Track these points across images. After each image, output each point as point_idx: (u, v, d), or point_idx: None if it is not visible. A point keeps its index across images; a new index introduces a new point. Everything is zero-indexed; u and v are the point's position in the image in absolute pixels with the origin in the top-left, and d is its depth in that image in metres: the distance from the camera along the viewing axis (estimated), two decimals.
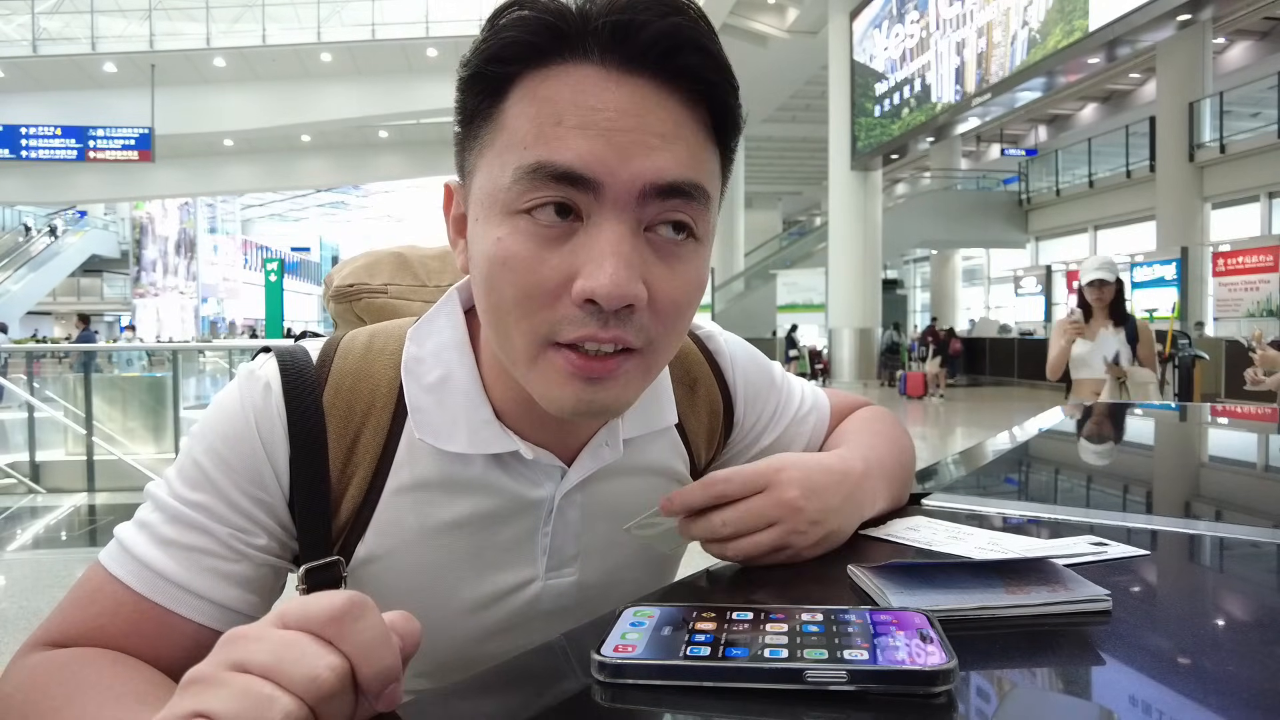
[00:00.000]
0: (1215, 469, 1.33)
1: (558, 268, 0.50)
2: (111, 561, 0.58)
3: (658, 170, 0.50)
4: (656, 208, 0.51)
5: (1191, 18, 9.43)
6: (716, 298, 19.34)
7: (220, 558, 0.58)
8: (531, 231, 0.50)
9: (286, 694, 0.34)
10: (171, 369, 6.68)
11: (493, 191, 0.52)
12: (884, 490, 0.72)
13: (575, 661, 0.45)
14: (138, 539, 0.58)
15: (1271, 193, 13.20)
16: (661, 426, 0.69)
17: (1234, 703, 0.39)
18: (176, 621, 0.56)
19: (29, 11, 17.82)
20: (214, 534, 0.58)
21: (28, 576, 3.79)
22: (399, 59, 18.37)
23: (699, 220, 0.53)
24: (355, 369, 0.63)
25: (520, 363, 0.54)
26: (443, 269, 0.88)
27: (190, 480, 0.59)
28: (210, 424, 0.60)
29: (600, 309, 0.50)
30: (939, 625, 0.43)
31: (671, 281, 0.53)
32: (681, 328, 0.56)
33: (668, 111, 0.51)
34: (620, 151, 0.49)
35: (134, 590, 0.56)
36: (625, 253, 0.49)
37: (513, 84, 0.52)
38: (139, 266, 30.20)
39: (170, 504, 0.58)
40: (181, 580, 0.56)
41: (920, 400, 12.79)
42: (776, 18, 16.53)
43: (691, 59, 0.51)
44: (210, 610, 0.57)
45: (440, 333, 0.63)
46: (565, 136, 0.49)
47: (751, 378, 0.79)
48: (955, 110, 12.95)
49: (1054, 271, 17.13)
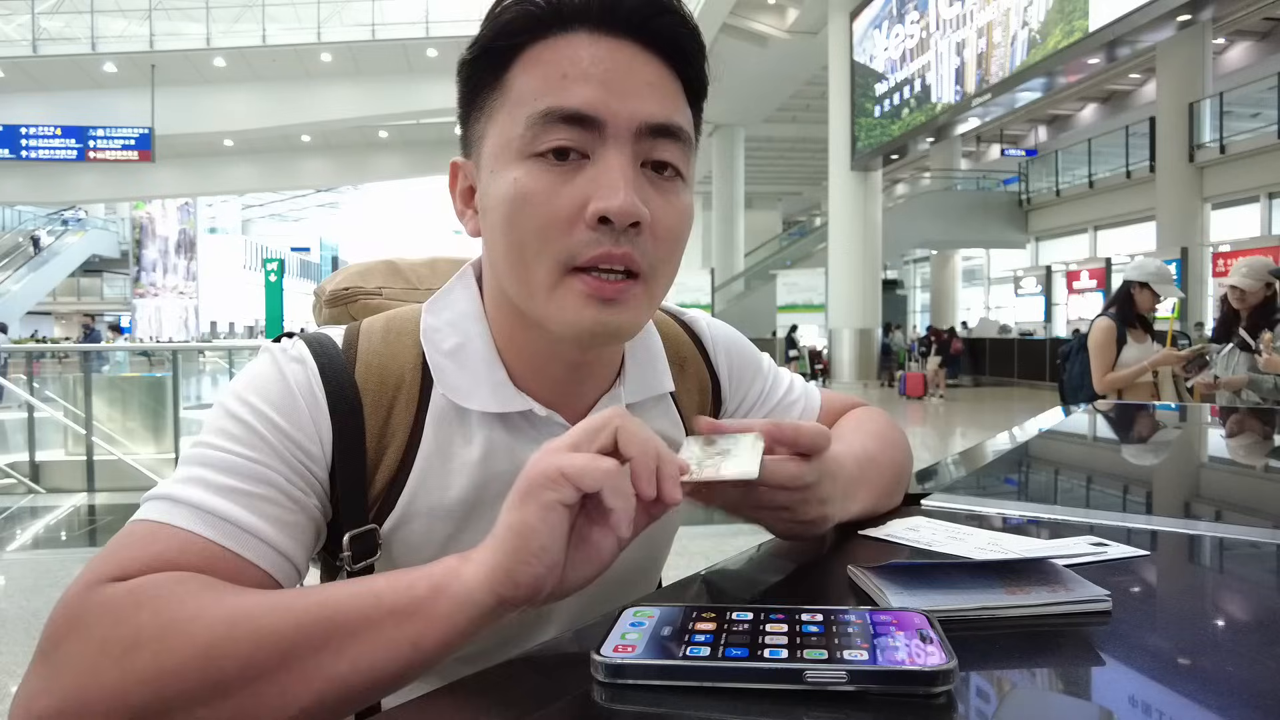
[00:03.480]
0: (1215, 469, 1.33)
1: (572, 197, 0.57)
2: (164, 514, 0.53)
3: (649, 112, 0.58)
4: (649, 144, 0.59)
5: (1191, 18, 9.44)
6: (716, 298, 19.32)
7: (282, 506, 0.56)
8: (545, 169, 0.57)
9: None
10: (171, 369, 6.68)
11: (506, 142, 0.59)
12: (871, 491, 0.72)
13: (575, 661, 0.45)
14: (191, 491, 0.54)
15: (1271, 193, 13.20)
16: (660, 392, 0.73)
17: (1234, 703, 0.39)
18: (245, 568, 0.53)
19: (29, 11, 17.83)
20: (274, 483, 0.56)
21: (27, 576, 3.79)
22: (399, 59, 18.37)
23: (683, 161, 0.61)
24: (380, 349, 0.65)
25: (540, 292, 0.59)
26: (432, 275, 0.89)
27: (239, 439, 0.57)
28: (251, 388, 0.59)
29: (612, 228, 0.56)
30: (939, 625, 0.43)
31: (667, 210, 0.60)
32: (676, 254, 0.63)
33: (651, 67, 0.60)
34: (618, 95, 0.57)
35: (200, 535, 0.52)
36: (631, 177, 0.57)
37: (517, 55, 0.59)
38: (139, 266, 30.22)
39: (224, 457, 0.56)
40: (251, 525, 0.54)
41: (920, 400, 12.80)
42: (776, 18, 16.54)
43: (667, 21, 0.60)
44: (275, 558, 0.55)
45: (456, 304, 0.68)
46: (570, 86, 0.57)
47: (735, 359, 0.83)
48: (955, 110, 12.95)
49: (1054, 272, 17.13)
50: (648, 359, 0.73)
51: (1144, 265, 3.46)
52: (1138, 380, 3.38)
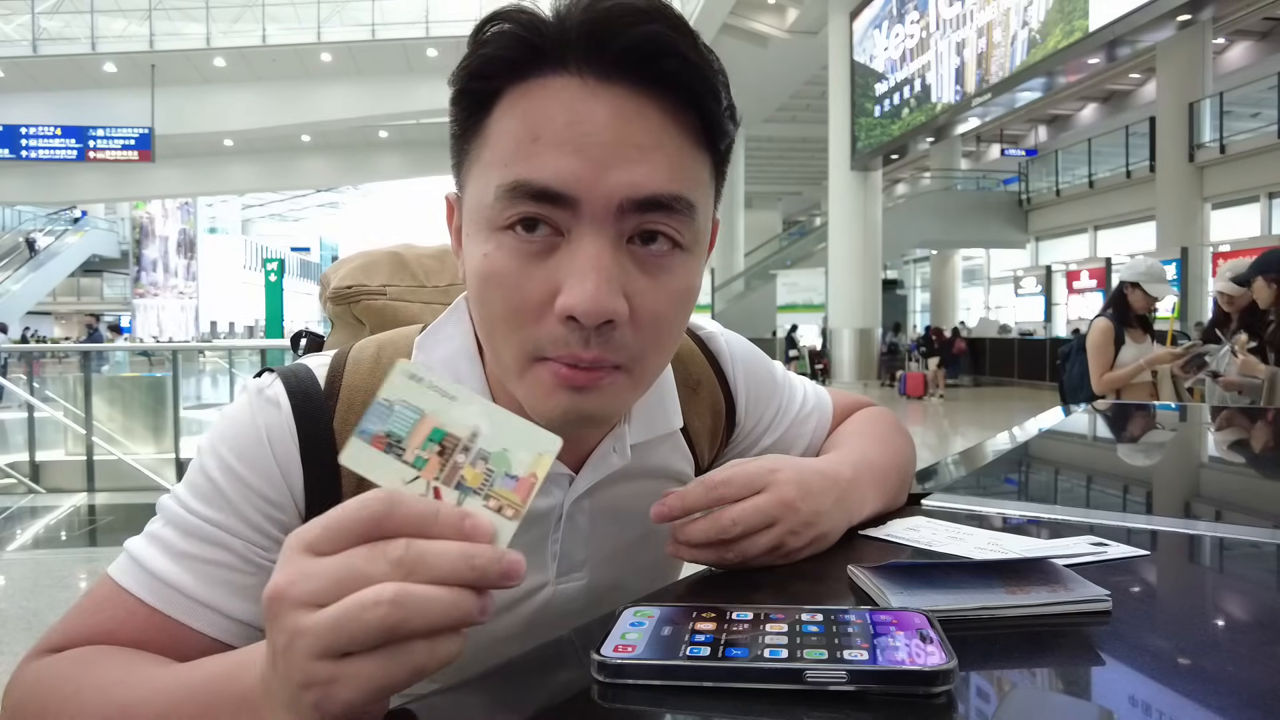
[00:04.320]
0: (1215, 469, 1.33)
1: (542, 282, 0.51)
2: (122, 574, 0.56)
3: (634, 185, 0.50)
4: (636, 220, 0.51)
5: (1191, 18, 9.44)
6: (716, 298, 19.33)
7: (237, 570, 0.56)
8: (515, 247, 0.51)
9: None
10: (171, 369, 6.68)
11: (479, 207, 0.53)
12: (873, 494, 0.72)
13: (575, 661, 0.45)
14: (149, 552, 0.56)
15: (1271, 193, 13.20)
16: (667, 431, 0.69)
17: (1234, 703, 0.39)
18: (189, 635, 0.55)
19: (29, 11, 17.83)
20: (230, 547, 0.56)
21: (27, 576, 3.79)
22: (399, 59, 18.38)
23: (683, 231, 0.53)
24: (366, 384, 0.62)
25: (511, 374, 0.55)
26: (441, 269, 0.87)
27: (204, 495, 0.57)
28: (223, 438, 0.58)
29: (581, 325, 0.50)
30: (939, 625, 0.43)
31: (654, 294, 0.52)
32: (668, 340, 0.56)
33: (647, 121, 0.51)
34: (596, 166, 0.49)
35: (145, 603, 0.55)
36: (604, 267, 0.49)
37: (497, 98, 0.52)
38: (139, 267, 30.21)
39: (185, 517, 0.57)
40: (196, 593, 0.55)
41: (920, 400, 12.80)
42: (776, 18, 16.54)
43: (669, 65, 0.50)
44: (223, 624, 0.56)
45: (450, 341, 0.64)
46: (542, 154, 0.49)
47: (753, 378, 0.78)
48: (955, 110, 12.95)
49: (1054, 272, 17.13)
50: (656, 395, 0.67)
51: (1135, 265, 3.49)
52: (1137, 381, 3.39)
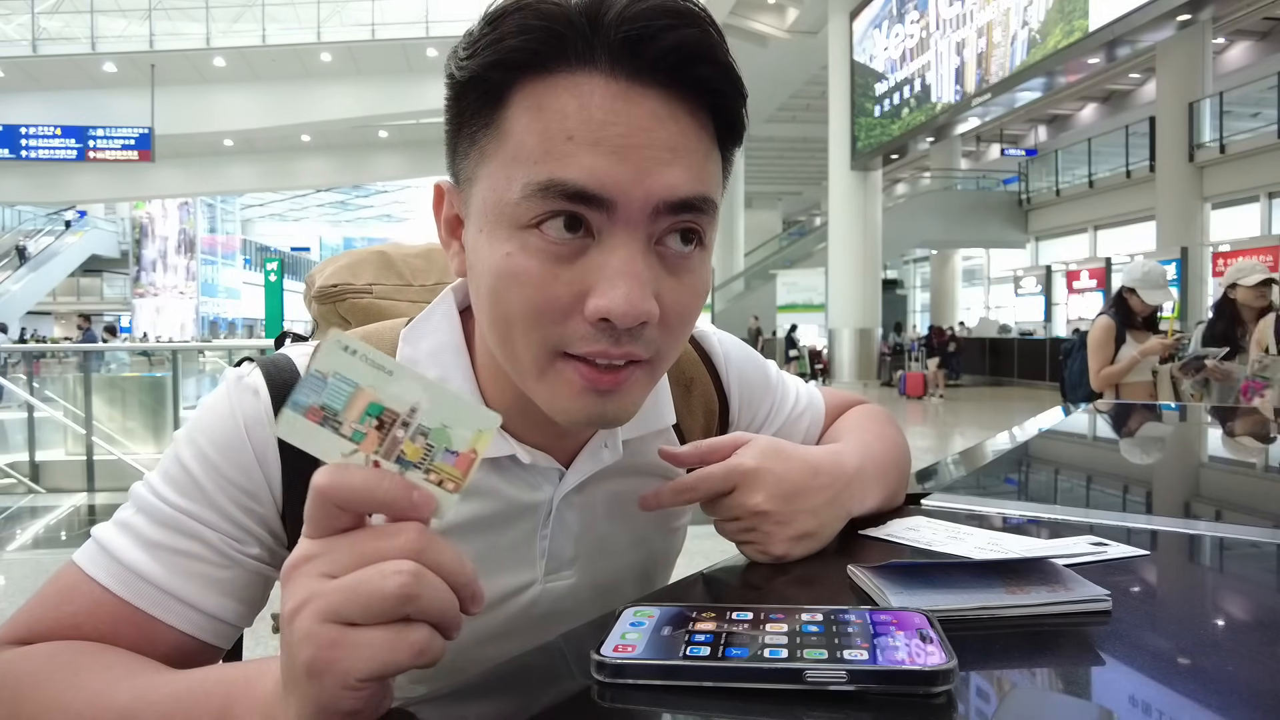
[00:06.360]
0: (1215, 469, 1.33)
1: (570, 284, 0.50)
2: (89, 563, 0.54)
3: (670, 187, 0.49)
4: (668, 222, 0.51)
5: (1191, 18, 9.44)
6: (716, 298, 19.34)
7: (210, 563, 0.55)
8: (541, 247, 0.50)
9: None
10: (171, 369, 6.68)
11: (498, 204, 0.51)
12: (876, 488, 0.72)
13: (575, 662, 0.45)
14: (119, 540, 0.54)
15: (1271, 193, 13.19)
16: (660, 427, 0.69)
17: (1234, 703, 0.39)
18: (158, 629, 0.53)
19: (29, 11, 17.81)
20: (204, 539, 0.55)
21: (27, 576, 3.79)
22: (399, 59, 18.35)
23: (707, 230, 0.53)
24: None
25: (528, 374, 0.53)
26: (428, 268, 0.86)
27: (178, 485, 0.56)
28: (200, 427, 0.57)
29: (613, 326, 0.49)
30: (939, 625, 0.43)
31: (680, 293, 0.53)
32: (686, 335, 0.56)
33: (678, 124, 0.50)
34: (633, 169, 0.48)
35: (114, 593, 0.53)
36: (639, 272, 0.49)
37: (514, 90, 0.50)
38: (139, 266, 30.19)
39: (157, 506, 0.55)
40: (167, 585, 0.53)
41: (920, 400, 12.79)
42: (776, 18, 16.53)
43: (704, 72, 0.50)
44: (195, 618, 0.54)
45: (436, 333, 0.62)
46: (576, 153, 0.48)
47: (746, 377, 0.78)
48: (955, 110, 12.94)
49: (1054, 271, 17.12)
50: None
51: (1133, 270, 3.51)
52: (1135, 380, 3.42)
